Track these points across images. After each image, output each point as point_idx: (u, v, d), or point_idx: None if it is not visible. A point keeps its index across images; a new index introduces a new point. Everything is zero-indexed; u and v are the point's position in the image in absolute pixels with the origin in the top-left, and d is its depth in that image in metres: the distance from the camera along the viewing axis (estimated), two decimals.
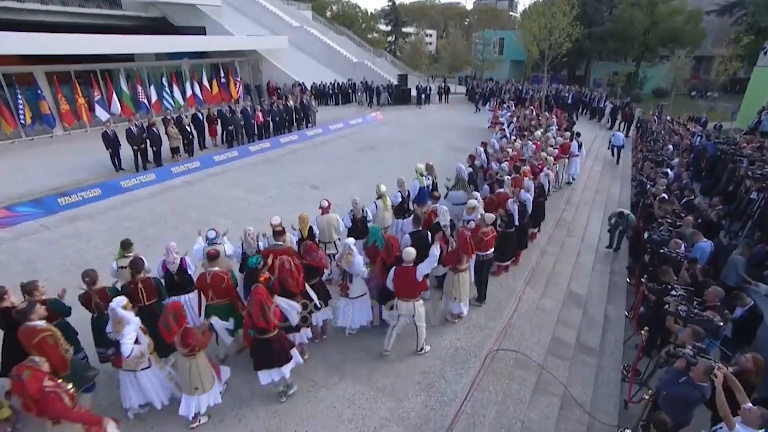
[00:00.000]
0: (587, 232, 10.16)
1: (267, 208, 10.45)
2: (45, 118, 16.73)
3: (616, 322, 7.02)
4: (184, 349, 4.11)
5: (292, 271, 4.70)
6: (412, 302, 5.13)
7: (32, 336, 3.86)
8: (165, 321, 4.02)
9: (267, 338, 4.32)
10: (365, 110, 24.12)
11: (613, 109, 22.48)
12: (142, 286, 4.60)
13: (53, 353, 3.91)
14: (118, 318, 4.00)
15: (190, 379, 4.18)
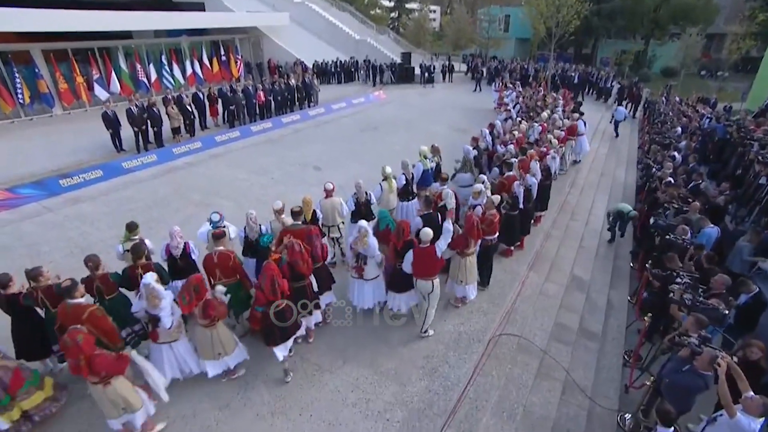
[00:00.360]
0: (592, 216, 10.09)
1: (269, 189, 10.41)
2: (44, 98, 16.53)
3: (618, 307, 7.04)
4: (205, 320, 4.32)
5: (302, 254, 4.73)
6: (431, 280, 5.23)
7: (81, 312, 3.99)
8: (184, 293, 4.11)
9: (280, 309, 4.44)
10: (368, 89, 23.73)
11: (620, 89, 22.05)
12: (143, 271, 4.60)
13: (105, 325, 4.11)
14: (155, 293, 4.10)
15: (213, 347, 4.42)
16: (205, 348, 4.45)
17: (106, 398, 3.73)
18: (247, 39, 25.02)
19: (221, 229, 5.33)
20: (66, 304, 4.10)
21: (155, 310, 4.16)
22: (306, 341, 5.37)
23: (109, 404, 3.75)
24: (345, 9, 33.13)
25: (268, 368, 4.95)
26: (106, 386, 3.70)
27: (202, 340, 4.44)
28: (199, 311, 4.24)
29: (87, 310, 4.05)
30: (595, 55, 42.19)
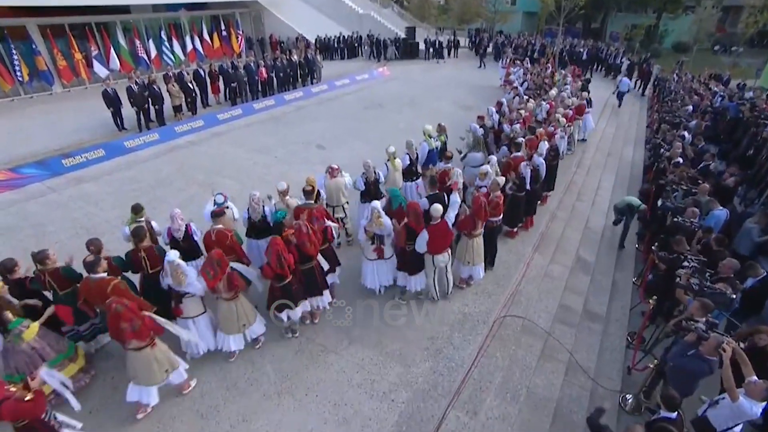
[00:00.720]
0: (598, 196, 9.99)
1: (273, 168, 10.34)
2: (43, 75, 16.29)
3: (623, 289, 7.04)
4: (229, 293, 4.48)
5: (310, 235, 4.75)
6: (446, 252, 5.43)
7: (105, 285, 4.10)
8: (208, 268, 4.21)
9: (286, 282, 4.66)
10: (372, 65, 23.24)
11: (630, 65, 21.51)
12: (145, 254, 4.59)
13: (129, 296, 4.18)
14: (180, 270, 4.22)
15: (238, 319, 4.62)
16: (230, 322, 4.61)
17: (155, 359, 3.96)
18: (248, 13, 24.39)
19: (221, 208, 5.31)
20: (89, 279, 4.19)
21: (180, 287, 4.32)
22: (312, 322, 5.41)
23: (156, 367, 3.98)
24: None
25: (275, 349, 5.01)
26: (153, 347, 3.96)
27: (227, 314, 4.58)
28: (223, 284, 4.38)
29: (110, 284, 4.17)
30: (605, 30, 40.93)
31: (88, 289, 4.22)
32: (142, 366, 3.95)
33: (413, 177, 7.45)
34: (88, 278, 4.23)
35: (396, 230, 5.28)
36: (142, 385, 4.03)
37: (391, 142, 7.39)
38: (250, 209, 5.65)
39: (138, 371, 3.97)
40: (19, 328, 3.96)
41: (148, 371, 3.98)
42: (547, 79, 13.99)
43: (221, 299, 4.56)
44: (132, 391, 4.07)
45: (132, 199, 8.58)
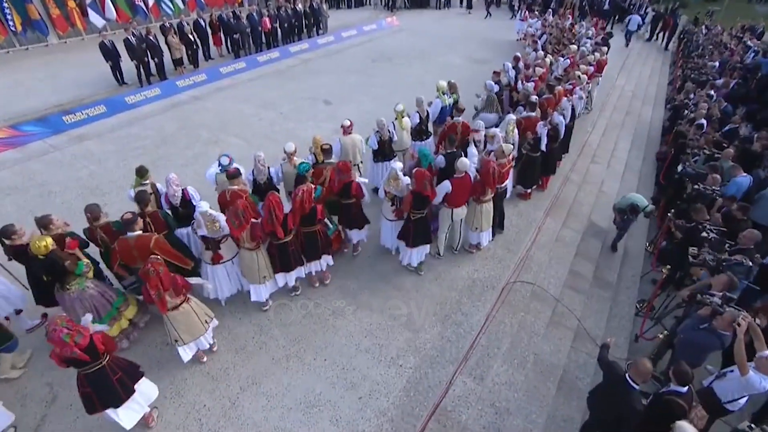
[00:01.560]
0: (614, 158, 9.67)
1: (278, 125, 10.06)
2: (36, 24, 15.56)
3: (635, 256, 6.93)
4: (252, 243, 4.54)
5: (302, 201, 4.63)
6: (465, 206, 5.50)
7: (147, 242, 4.16)
8: (232, 218, 4.27)
9: (283, 243, 4.67)
10: (380, 14, 22.04)
11: (655, 16, 20.13)
12: (150, 219, 4.51)
13: (171, 250, 4.36)
14: (212, 218, 4.34)
15: (258, 269, 4.66)
16: (252, 271, 4.68)
17: (193, 313, 4.05)
18: None
19: (235, 168, 5.17)
20: (127, 238, 4.18)
21: (217, 234, 4.43)
22: (322, 284, 5.41)
23: (196, 320, 4.07)
24: None
25: (283, 313, 5.03)
26: (189, 302, 4.05)
27: (249, 264, 4.64)
28: (246, 234, 4.43)
29: (152, 239, 4.18)
30: None
31: (127, 249, 4.19)
32: (183, 321, 4.02)
33: (423, 136, 7.17)
34: (125, 238, 4.20)
35: (403, 201, 5.14)
36: (190, 342, 4.13)
37: (400, 97, 7.06)
38: (255, 170, 5.50)
39: (180, 328, 4.02)
40: (84, 269, 4.07)
41: (190, 324, 4.07)
42: (566, 32, 13.14)
43: (244, 249, 4.60)
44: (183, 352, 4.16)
45: (136, 158, 8.54)
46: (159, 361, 4.49)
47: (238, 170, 5.13)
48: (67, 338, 3.05)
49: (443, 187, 5.21)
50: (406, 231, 5.25)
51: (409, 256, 5.45)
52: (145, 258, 3.99)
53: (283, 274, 4.94)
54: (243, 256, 4.67)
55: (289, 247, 4.76)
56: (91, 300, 4.20)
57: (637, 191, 8.67)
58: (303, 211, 4.62)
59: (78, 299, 4.12)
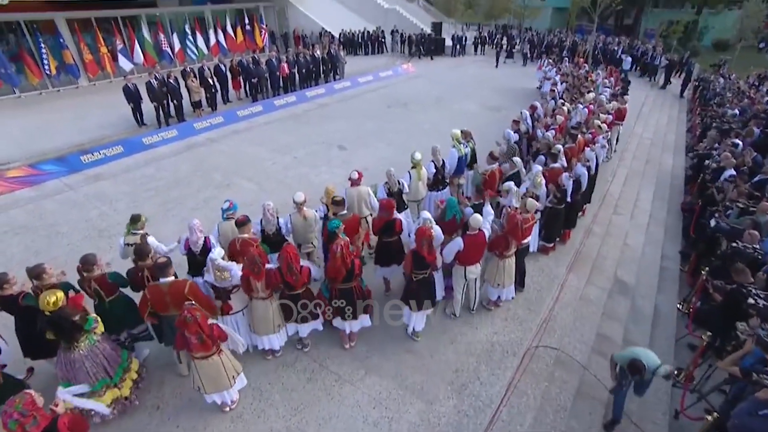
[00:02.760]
0: (636, 209, 9.27)
1: (292, 169, 10.00)
2: (69, 68, 16.41)
3: (667, 316, 6.40)
4: (267, 291, 4.35)
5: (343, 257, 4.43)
6: (478, 264, 5.19)
7: (181, 287, 4.01)
8: (251, 265, 4.13)
9: (295, 294, 4.45)
10: (396, 61, 22.69)
11: (669, 65, 20.24)
12: (149, 273, 4.26)
13: (203, 297, 4.18)
14: (221, 268, 4.18)
15: (273, 318, 4.47)
16: (266, 321, 4.47)
17: (222, 366, 3.87)
18: (272, 7, 24.16)
19: (244, 216, 4.96)
20: (160, 285, 4.02)
21: (223, 283, 4.25)
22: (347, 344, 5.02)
23: (223, 374, 3.88)
24: None
25: (286, 376, 4.64)
26: (221, 354, 3.87)
27: (263, 314, 4.43)
28: (262, 283, 4.27)
29: (186, 285, 4.04)
30: (638, 27, 39.11)
31: (159, 296, 4.01)
32: (211, 373, 3.84)
33: (439, 186, 6.95)
34: (157, 284, 4.03)
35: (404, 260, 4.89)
36: (212, 393, 3.95)
37: (415, 144, 6.92)
38: (263, 220, 5.29)
39: (206, 379, 3.84)
40: (94, 324, 3.83)
41: (218, 378, 3.88)
42: (583, 80, 13.15)
43: (256, 299, 4.38)
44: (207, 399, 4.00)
45: (147, 200, 8.50)
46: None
47: (247, 217, 4.91)
48: (13, 426, 2.68)
49: (455, 243, 4.91)
50: (410, 293, 4.87)
51: (414, 321, 5.02)
52: (177, 305, 3.88)
53: (295, 324, 4.66)
54: (256, 307, 4.42)
55: (300, 299, 4.49)
56: (102, 354, 3.89)
57: (664, 244, 8.28)
58: (346, 267, 4.37)
59: (88, 356, 3.80)
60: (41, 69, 15.67)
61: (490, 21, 39.60)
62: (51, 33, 16.10)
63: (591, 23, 30.85)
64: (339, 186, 7.32)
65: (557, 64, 16.38)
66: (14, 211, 8.17)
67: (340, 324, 4.78)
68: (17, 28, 15.78)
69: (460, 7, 41.34)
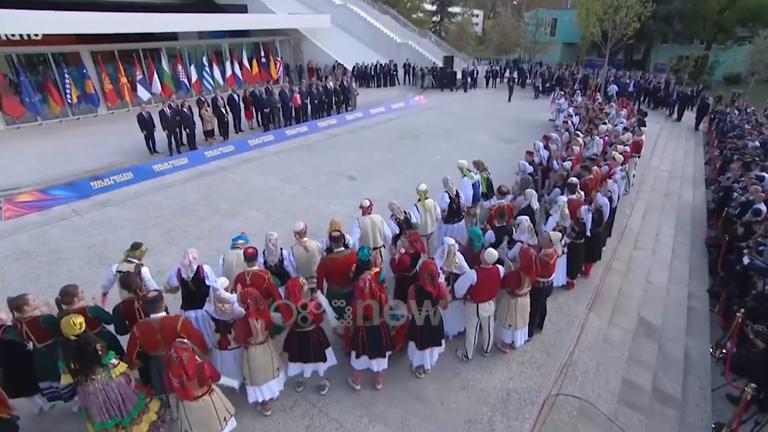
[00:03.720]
0: (658, 244, 8.84)
1: (300, 199, 9.84)
2: (90, 98, 16.90)
3: (699, 362, 5.87)
4: (264, 335, 4.05)
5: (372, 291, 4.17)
6: (492, 300, 4.86)
7: (174, 324, 3.74)
8: (255, 306, 3.88)
9: (305, 331, 4.16)
10: (408, 93, 22.97)
11: (683, 97, 20.09)
12: (139, 306, 4.00)
13: (196, 333, 3.91)
14: (223, 299, 3.89)
15: (272, 363, 4.12)
16: (266, 368, 4.08)
17: (213, 407, 3.56)
18: (288, 41, 24.92)
19: (253, 248, 4.71)
20: (151, 321, 3.72)
21: (223, 316, 3.96)
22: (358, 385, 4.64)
23: (214, 416, 3.56)
24: (387, 12, 32.58)
25: (282, 423, 4.25)
26: (212, 394, 3.58)
27: (262, 360, 4.04)
28: (261, 325, 3.96)
29: (179, 321, 3.77)
30: (648, 62, 39.41)
31: (150, 333, 3.69)
32: (200, 416, 3.49)
33: (455, 218, 6.65)
34: (148, 321, 3.73)
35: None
36: None
37: (426, 175, 6.71)
38: (266, 251, 5.04)
39: (194, 422, 3.49)
40: (112, 362, 3.54)
41: (207, 420, 3.54)
42: (597, 112, 12.99)
43: (253, 346, 3.99)
44: None
45: (152, 228, 8.35)
46: None
47: (255, 251, 4.64)
48: None
49: (467, 277, 4.61)
50: (413, 330, 4.51)
51: (418, 358, 4.67)
52: (170, 343, 3.53)
53: (300, 364, 4.32)
54: (254, 355, 3.99)
55: (311, 338, 4.18)
56: (118, 390, 3.55)
57: (690, 282, 7.80)
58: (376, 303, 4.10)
59: (104, 390, 3.47)
60: (63, 98, 16.16)
61: (501, 56, 40.40)
62: (75, 64, 16.69)
63: (601, 58, 31.23)
64: (347, 217, 7.08)
65: (570, 96, 16.31)
66: (19, 235, 8.08)
67: (363, 363, 4.41)
68: (45, 60, 16.43)
69: (471, 42, 42.39)
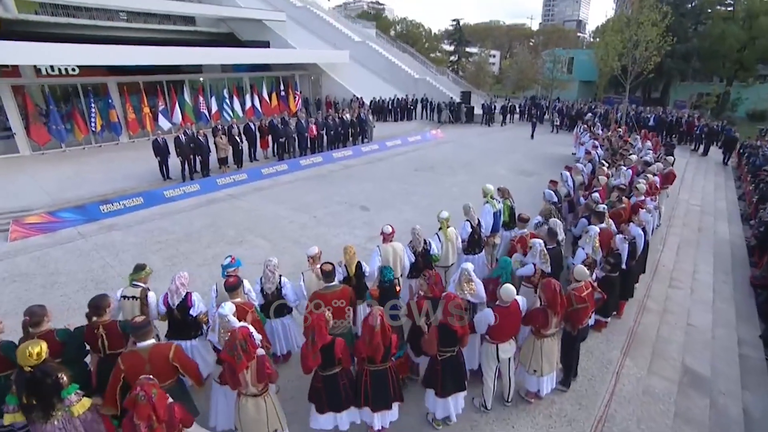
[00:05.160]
0: (696, 282, 8.07)
1: (310, 229, 9.47)
2: (113, 126, 17.33)
3: (763, 423, 5.03)
4: (259, 386, 3.33)
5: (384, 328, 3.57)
6: (512, 340, 4.32)
7: (165, 352, 3.35)
8: (230, 349, 3.19)
9: (332, 374, 3.61)
10: (425, 127, 22.97)
11: (709, 132, 19.45)
12: (104, 330, 3.56)
13: (190, 363, 3.53)
14: (230, 327, 3.43)
15: (268, 422, 3.43)
16: (258, 425, 3.40)
17: None
18: (307, 76, 25.53)
19: (236, 276, 4.28)
20: (138, 350, 3.31)
21: None
22: None
23: None
24: (406, 50, 33.41)
25: None
26: None
27: (254, 416, 3.38)
28: (251, 373, 3.26)
29: (171, 348, 3.39)
30: (667, 100, 39.03)
31: (137, 365, 3.24)
32: None
33: (475, 249, 6.13)
34: (135, 351, 3.32)
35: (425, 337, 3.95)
36: None
37: (442, 206, 6.23)
38: (263, 277, 4.60)
39: None
40: (71, 398, 3.01)
41: None
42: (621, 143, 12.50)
43: (245, 396, 3.36)
44: None
45: (154, 253, 8.05)
46: None
47: (238, 281, 4.18)
48: None
49: (485, 316, 4.07)
50: (433, 375, 3.94)
51: (441, 408, 4.04)
52: (161, 375, 3.18)
53: (333, 414, 3.71)
54: (245, 408, 3.36)
55: (340, 381, 3.62)
56: (83, 429, 3.06)
57: (738, 326, 6.97)
58: (385, 343, 3.53)
59: (63, 430, 3.00)
60: (88, 126, 16.59)
61: (518, 92, 40.72)
62: (102, 95, 17.28)
63: (618, 96, 31.07)
64: (358, 248, 6.64)
65: (591, 129, 15.92)
66: (20, 257, 7.89)
67: (368, 416, 3.81)
68: (75, 91, 17.07)
69: (488, 81, 43.01)
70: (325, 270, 4.31)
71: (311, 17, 28.90)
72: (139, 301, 4.24)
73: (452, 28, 63.59)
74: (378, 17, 63.03)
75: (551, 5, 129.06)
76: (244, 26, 25.29)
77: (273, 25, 25.38)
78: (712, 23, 34.38)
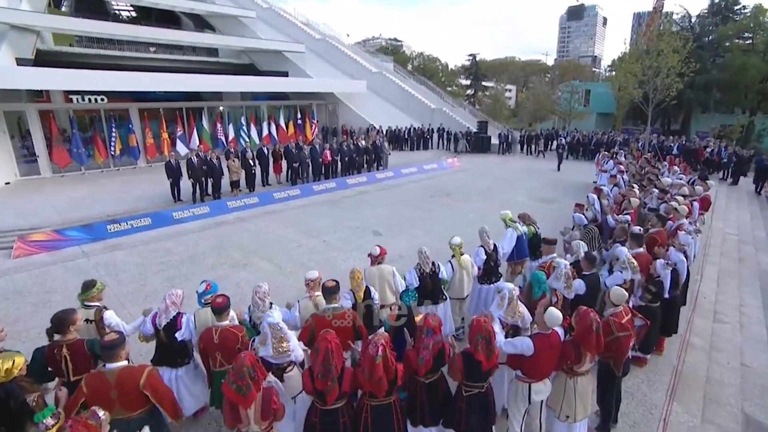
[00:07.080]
0: (744, 317, 7.23)
1: (319, 253, 9.03)
2: (131, 151, 17.61)
3: None
4: (264, 423, 2.82)
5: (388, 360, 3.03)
6: (547, 379, 3.64)
7: (136, 376, 2.91)
8: (237, 380, 2.73)
9: (333, 409, 3.03)
10: (441, 156, 22.74)
11: (738, 160, 18.58)
12: (68, 351, 3.13)
13: (166, 390, 3.09)
14: (283, 335, 3.26)
15: None
16: None
17: None
18: (324, 105, 25.87)
19: (224, 297, 3.81)
20: (104, 373, 2.89)
21: (281, 358, 3.32)
22: None
23: None
24: (423, 83, 33.83)
25: None
26: None
27: None
28: (256, 408, 2.79)
29: (143, 373, 2.93)
30: (687, 131, 38.18)
31: (102, 389, 2.83)
32: None
33: (491, 278, 5.55)
34: (101, 372, 2.92)
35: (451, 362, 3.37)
36: None
37: (457, 232, 5.74)
38: (252, 304, 4.13)
39: None
40: (45, 423, 2.53)
41: None
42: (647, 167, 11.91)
43: None
44: None
45: (155, 274, 7.69)
46: None
47: (226, 302, 3.68)
48: None
49: (522, 346, 3.40)
50: (456, 413, 3.33)
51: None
52: (127, 404, 2.82)
53: None
54: None
55: (340, 418, 3.10)
56: None
57: None
58: (389, 377, 3.01)
59: None
60: (108, 150, 16.88)
61: (535, 123, 40.55)
62: (123, 120, 17.67)
63: (636, 127, 30.51)
64: None
65: (614, 156, 15.37)
66: (20, 275, 7.67)
67: None
68: (98, 116, 17.54)
69: (504, 113, 43.12)
70: (328, 286, 3.84)
71: (329, 49, 29.65)
72: (94, 324, 3.79)
73: (468, 62, 64.87)
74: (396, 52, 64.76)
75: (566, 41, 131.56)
76: (265, 58, 26.04)
77: (292, 56, 26.08)
78: (732, 55, 33.97)
